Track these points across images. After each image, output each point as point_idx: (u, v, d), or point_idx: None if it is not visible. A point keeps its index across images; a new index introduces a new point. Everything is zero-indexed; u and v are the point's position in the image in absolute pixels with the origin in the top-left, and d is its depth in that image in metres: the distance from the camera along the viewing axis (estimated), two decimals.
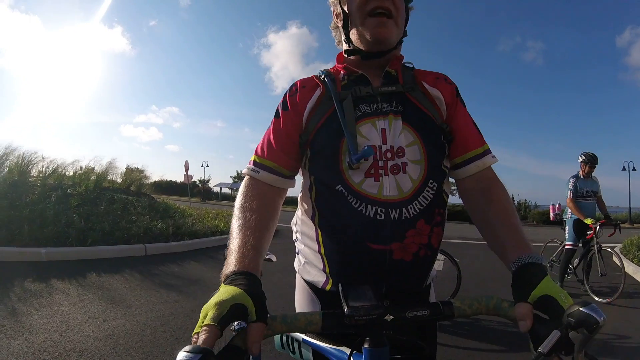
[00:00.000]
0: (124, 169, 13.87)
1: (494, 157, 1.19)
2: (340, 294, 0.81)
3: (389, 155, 1.09)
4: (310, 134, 1.16)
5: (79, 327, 3.53)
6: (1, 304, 3.93)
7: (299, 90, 1.21)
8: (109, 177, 11.91)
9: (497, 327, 4.05)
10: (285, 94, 1.24)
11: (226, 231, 9.56)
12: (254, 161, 1.18)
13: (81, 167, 11.09)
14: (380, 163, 1.09)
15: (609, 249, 5.79)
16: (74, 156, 13.78)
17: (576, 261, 6.02)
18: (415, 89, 1.18)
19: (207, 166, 49.87)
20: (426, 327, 1.16)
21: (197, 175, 48.50)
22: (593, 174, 6.01)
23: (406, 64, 1.26)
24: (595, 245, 5.63)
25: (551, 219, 7.44)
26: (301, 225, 1.26)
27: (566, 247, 6.02)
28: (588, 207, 5.85)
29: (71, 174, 10.58)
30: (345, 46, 1.26)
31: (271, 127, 1.21)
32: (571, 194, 5.82)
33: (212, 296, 0.76)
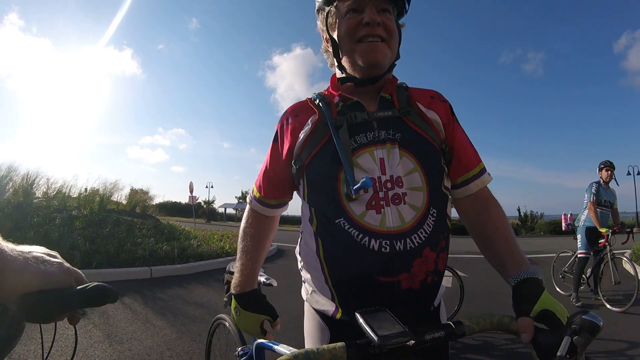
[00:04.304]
0: (129, 191, 13.89)
1: (489, 175, 1.23)
2: (364, 323, 0.81)
3: (389, 185, 1.08)
4: (304, 161, 1.17)
5: (85, 352, 3.44)
6: None
7: (290, 121, 1.23)
8: (114, 199, 11.88)
9: (486, 343, 3.95)
10: (277, 124, 1.28)
11: (232, 252, 9.47)
12: (252, 192, 1.38)
13: (86, 189, 11.07)
14: (381, 194, 1.08)
15: (620, 256, 5.72)
16: (79, 177, 13.76)
17: (589, 271, 5.90)
18: (411, 112, 1.17)
19: (212, 187, 50.09)
20: (439, 346, 1.14)
21: (201, 196, 48.61)
22: (611, 185, 5.95)
23: (401, 85, 1.25)
24: (609, 254, 5.55)
25: (563, 229, 7.32)
26: (305, 256, 1.24)
27: (579, 255, 5.91)
28: (603, 217, 5.77)
29: (76, 195, 10.56)
30: (338, 72, 1.25)
31: (265, 159, 1.31)
32: (594, 198, 5.71)
33: (236, 315, 1.33)
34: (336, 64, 1.23)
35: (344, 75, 1.21)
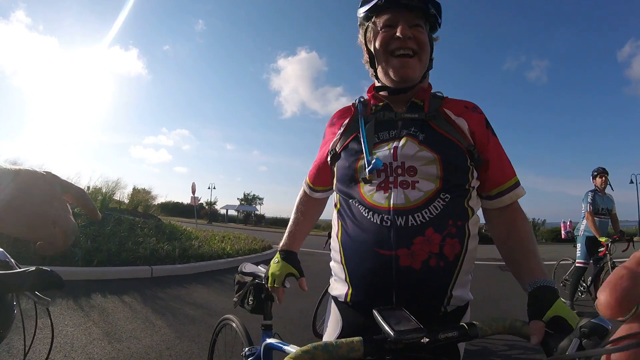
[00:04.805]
0: (131, 190, 13.89)
1: (522, 188, 1.26)
2: (380, 319, 0.85)
3: (399, 171, 1.17)
4: (336, 152, 1.33)
5: (84, 349, 3.43)
6: None
7: (334, 121, 1.43)
8: (116, 198, 11.89)
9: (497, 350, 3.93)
10: (327, 124, 1.47)
11: (233, 254, 9.46)
12: (307, 177, 1.58)
13: (88, 187, 11.07)
14: (391, 179, 1.17)
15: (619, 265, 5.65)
16: (82, 175, 13.70)
17: (589, 279, 5.89)
18: (437, 117, 1.23)
19: (214, 188, 50.08)
20: (452, 348, 1.19)
21: (203, 197, 48.64)
22: (608, 191, 5.92)
23: (436, 94, 1.33)
24: (609, 262, 5.51)
25: (562, 237, 7.28)
26: (332, 243, 1.33)
27: (577, 264, 5.91)
28: (602, 225, 5.75)
29: None
30: (376, 82, 1.35)
31: (317, 153, 1.51)
32: (590, 208, 5.68)
33: (274, 262, 1.54)
34: (374, 73, 1.33)
35: (380, 84, 1.32)
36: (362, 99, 1.39)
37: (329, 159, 1.38)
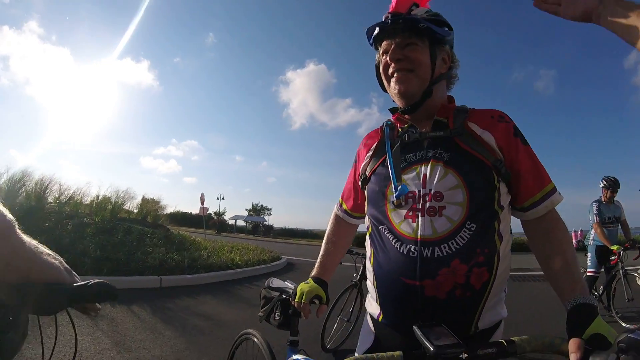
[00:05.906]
0: (140, 200, 13.90)
1: (559, 194, 1.21)
2: (420, 334, 0.88)
3: (427, 198, 1.17)
4: (366, 176, 1.37)
5: (92, 358, 3.38)
6: None
7: (364, 144, 1.46)
8: (125, 207, 11.91)
9: None
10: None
11: (242, 265, 9.39)
12: (340, 202, 1.62)
13: (98, 196, 11.11)
14: (419, 206, 1.18)
15: (633, 273, 5.59)
16: (92, 184, 13.76)
17: (601, 288, 5.79)
18: (463, 133, 1.22)
19: (223, 199, 50.18)
20: None
21: (212, 208, 48.77)
22: (616, 198, 5.80)
23: (461, 108, 1.31)
24: (621, 270, 5.43)
25: (574, 246, 7.15)
26: (367, 264, 1.36)
27: (587, 273, 5.81)
28: (611, 233, 5.68)
29: (88, 202, 10.59)
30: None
31: (348, 176, 1.57)
32: (597, 219, 5.62)
33: (305, 283, 1.51)
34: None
35: (394, 106, 1.37)
36: (389, 122, 1.40)
37: (360, 183, 1.42)
